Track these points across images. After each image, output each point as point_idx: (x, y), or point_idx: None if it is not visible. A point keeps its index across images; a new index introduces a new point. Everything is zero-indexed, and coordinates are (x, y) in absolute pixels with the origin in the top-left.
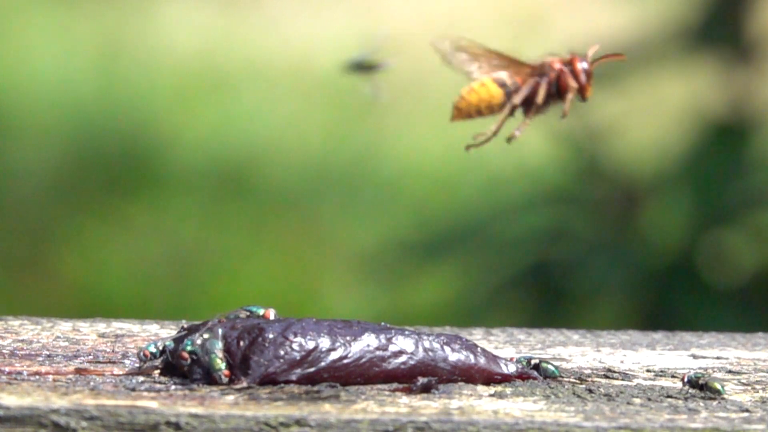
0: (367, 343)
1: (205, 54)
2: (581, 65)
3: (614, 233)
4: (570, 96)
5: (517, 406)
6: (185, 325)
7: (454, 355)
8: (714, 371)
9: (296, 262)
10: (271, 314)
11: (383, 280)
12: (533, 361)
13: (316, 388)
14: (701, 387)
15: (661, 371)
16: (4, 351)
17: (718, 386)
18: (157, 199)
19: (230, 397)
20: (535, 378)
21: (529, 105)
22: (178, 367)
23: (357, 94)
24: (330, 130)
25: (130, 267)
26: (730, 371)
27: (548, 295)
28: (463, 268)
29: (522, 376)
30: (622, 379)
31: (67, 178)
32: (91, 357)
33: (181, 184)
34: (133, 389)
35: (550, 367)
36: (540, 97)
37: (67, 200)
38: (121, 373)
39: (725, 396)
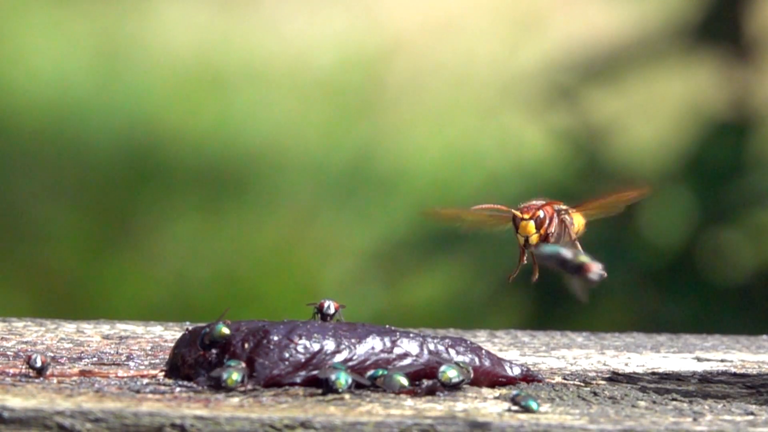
0: (371, 346)
1: (203, 53)
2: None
3: (614, 231)
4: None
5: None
6: (189, 327)
7: (459, 358)
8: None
9: (295, 261)
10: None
11: (382, 279)
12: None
13: (320, 390)
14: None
15: (666, 374)
16: (8, 353)
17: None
18: (154, 198)
19: (235, 399)
20: (539, 381)
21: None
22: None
23: (355, 93)
24: (328, 130)
25: (129, 267)
26: (734, 374)
27: (548, 294)
28: (462, 268)
29: (527, 378)
30: (627, 382)
31: (65, 178)
32: (95, 359)
33: (179, 183)
34: (138, 391)
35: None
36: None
37: (65, 199)
38: (125, 375)
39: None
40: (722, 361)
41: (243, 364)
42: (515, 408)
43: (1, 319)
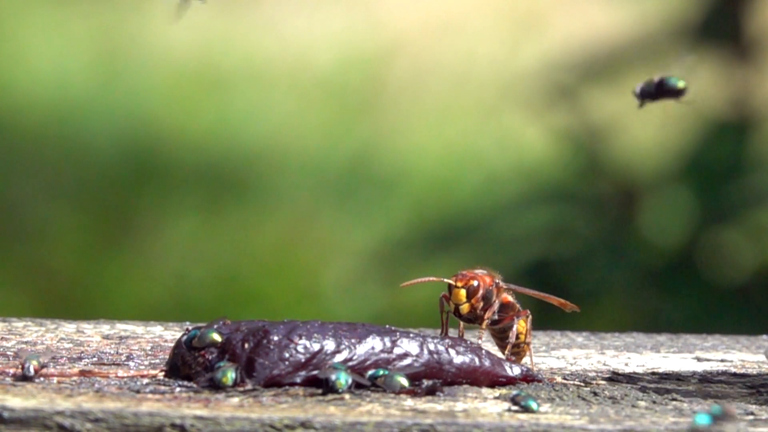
0: (372, 346)
1: (203, 53)
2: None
3: (614, 231)
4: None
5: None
6: (189, 327)
7: (459, 358)
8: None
9: (295, 261)
10: None
11: (382, 279)
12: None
13: (320, 390)
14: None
15: (666, 374)
16: (8, 353)
17: None
18: (154, 198)
19: (235, 399)
20: (539, 381)
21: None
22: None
23: (355, 93)
24: (328, 129)
25: (129, 267)
26: (734, 374)
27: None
28: (462, 267)
29: (527, 378)
30: (627, 382)
31: (65, 178)
32: (95, 359)
33: (179, 183)
34: (138, 391)
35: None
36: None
37: (65, 199)
38: (125, 375)
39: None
40: (722, 361)
41: (229, 362)
42: (515, 408)
43: (1, 319)
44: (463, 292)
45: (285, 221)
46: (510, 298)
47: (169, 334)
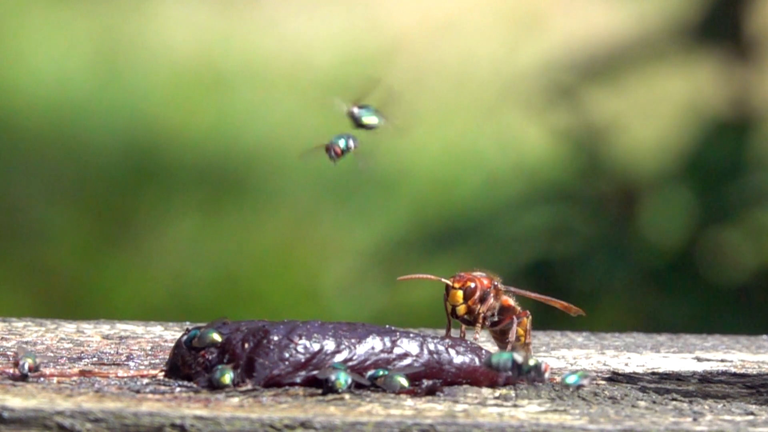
0: (371, 346)
1: (203, 53)
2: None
3: (614, 231)
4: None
5: (522, 408)
6: (189, 327)
7: (459, 358)
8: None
9: (295, 261)
10: None
11: (382, 279)
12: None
13: (320, 390)
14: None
15: (666, 374)
16: (8, 353)
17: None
18: (155, 198)
19: (235, 399)
20: (540, 381)
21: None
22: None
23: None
24: (328, 130)
25: (129, 267)
26: (734, 374)
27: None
28: (462, 267)
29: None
30: (627, 382)
31: (65, 178)
32: (95, 359)
33: (179, 183)
34: (138, 391)
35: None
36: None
37: (65, 199)
38: (125, 375)
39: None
40: (722, 361)
41: (227, 365)
42: (510, 405)
43: (1, 319)
44: (460, 294)
45: (285, 221)
46: (510, 301)
47: (169, 334)
